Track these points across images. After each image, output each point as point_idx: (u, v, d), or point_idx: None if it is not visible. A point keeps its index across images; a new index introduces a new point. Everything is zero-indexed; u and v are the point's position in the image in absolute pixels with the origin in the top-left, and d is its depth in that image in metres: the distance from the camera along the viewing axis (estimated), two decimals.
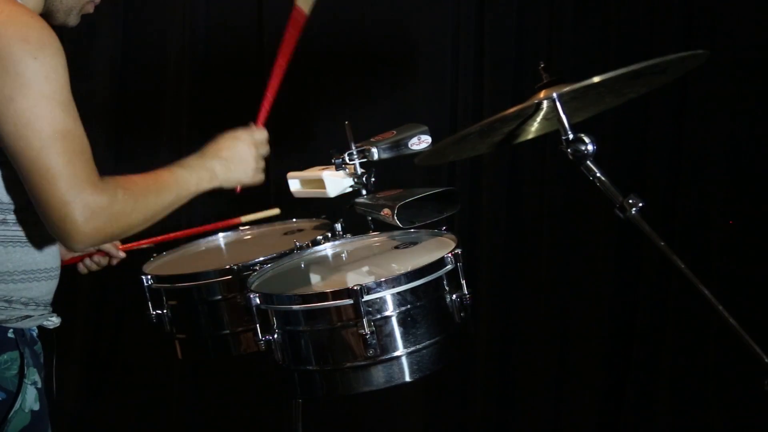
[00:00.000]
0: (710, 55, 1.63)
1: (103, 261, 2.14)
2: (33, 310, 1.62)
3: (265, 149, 1.87)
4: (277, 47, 3.09)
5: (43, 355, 1.71)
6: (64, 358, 1.82)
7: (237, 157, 1.77)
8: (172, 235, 2.26)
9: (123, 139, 3.41)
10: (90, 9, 1.73)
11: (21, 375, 1.56)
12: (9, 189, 1.53)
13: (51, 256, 1.64)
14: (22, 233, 1.56)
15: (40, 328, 1.69)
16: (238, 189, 1.86)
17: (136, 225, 1.56)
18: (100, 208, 1.45)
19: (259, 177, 1.82)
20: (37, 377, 1.61)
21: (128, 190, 1.52)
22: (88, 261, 2.12)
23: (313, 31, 3.17)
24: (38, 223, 1.53)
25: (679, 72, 1.78)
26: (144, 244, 2.20)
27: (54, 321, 1.69)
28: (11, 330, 1.57)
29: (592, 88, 1.59)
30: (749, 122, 2.67)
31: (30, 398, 1.57)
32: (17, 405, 1.55)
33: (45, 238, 1.60)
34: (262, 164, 1.83)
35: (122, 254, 2.15)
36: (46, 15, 1.67)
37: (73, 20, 1.70)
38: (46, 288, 1.64)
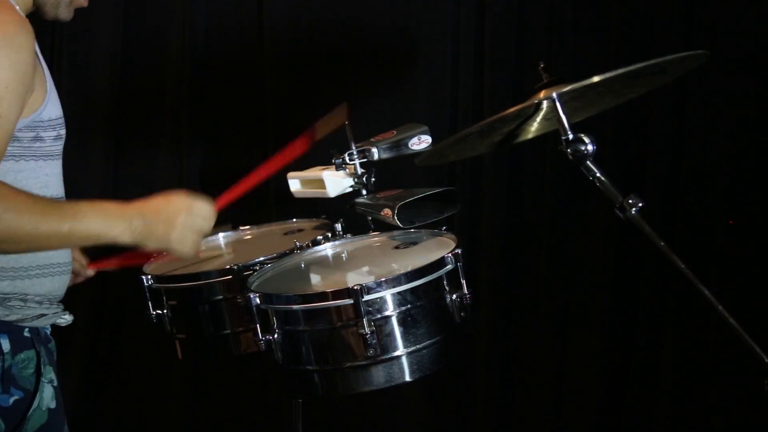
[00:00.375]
0: (710, 55, 1.63)
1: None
2: (47, 308, 1.63)
3: (203, 224, 1.60)
4: (278, 48, 3.11)
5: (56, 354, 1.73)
6: (65, 358, 1.82)
7: (163, 219, 1.54)
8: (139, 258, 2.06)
9: (123, 139, 3.41)
10: (83, 2, 1.72)
11: (38, 374, 1.58)
12: (22, 183, 1.54)
13: (64, 251, 1.65)
14: None
15: (53, 326, 1.70)
16: (164, 254, 1.68)
17: (5, 239, 1.40)
18: None
19: (184, 247, 1.57)
20: (53, 375, 1.62)
21: (4, 197, 1.39)
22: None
23: (314, 31, 3.18)
24: None
25: (679, 72, 1.78)
26: (110, 265, 2.05)
27: (67, 318, 1.70)
28: (27, 329, 1.59)
29: (592, 88, 1.59)
30: (749, 122, 2.67)
31: (47, 396, 1.59)
32: (35, 404, 1.57)
33: None
34: (193, 236, 1.58)
35: (90, 272, 2.05)
36: (37, 10, 1.67)
37: (64, 14, 1.69)
38: (59, 283, 1.65)
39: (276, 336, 1.72)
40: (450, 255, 1.74)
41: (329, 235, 2.15)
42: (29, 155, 1.57)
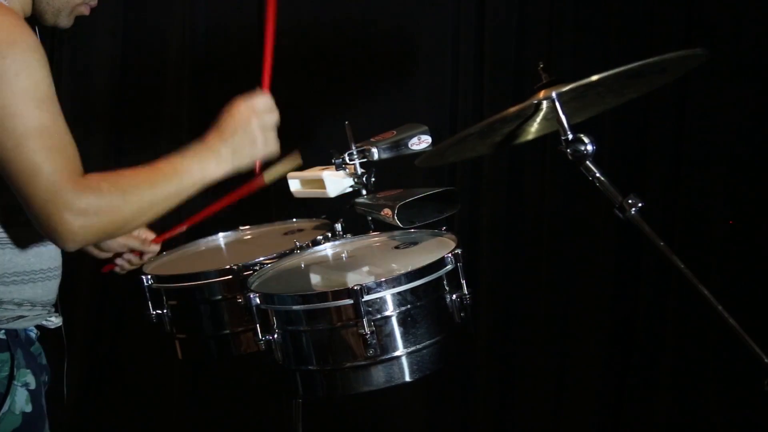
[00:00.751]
0: (710, 55, 1.63)
1: (135, 259, 2.08)
2: (28, 310, 1.59)
3: (270, 117, 1.67)
4: (278, 48, 3.08)
5: (45, 357, 1.70)
6: (65, 358, 1.82)
7: (241, 133, 1.60)
8: (201, 214, 2.04)
9: (123, 139, 3.41)
10: (84, 11, 1.70)
11: (11, 377, 1.54)
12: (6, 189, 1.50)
13: (47, 257, 1.62)
14: (6, 235, 1.54)
15: (43, 328, 1.68)
16: (257, 168, 1.72)
17: (131, 219, 1.47)
18: (86, 203, 1.39)
19: (270, 148, 1.63)
20: (30, 379, 1.58)
21: (114, 184, 1.45)
22: (120, 261, 2.07)
23: (314, 31, 3.18)
24: (29, 224, 1.50)
25: (679, 72, 1.78)
26: (176, 231, 2.08)
27: (54, 321, 1.67)
28: (3, 331, 1.55)
29: (592, 88, 1.59)
30: (749, 122, 2.67)
31: (20, 400, 1.55)
32: (5, 407, 1.53)
33: (39, 238, 1.58)
34: (271, 133, 1.64)
35: (155, 247, 2.08)
36: (37, 16, 1.65)
37: (63, 21, 1.67)
38: (44, 289, 1.62)
39: (276, 336, 1.72)
40: (450, 255, 1.74)
41: (329, 235, 2.15)
42: None
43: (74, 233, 1.39)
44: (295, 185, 2.28)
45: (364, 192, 2.11)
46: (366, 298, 1.62)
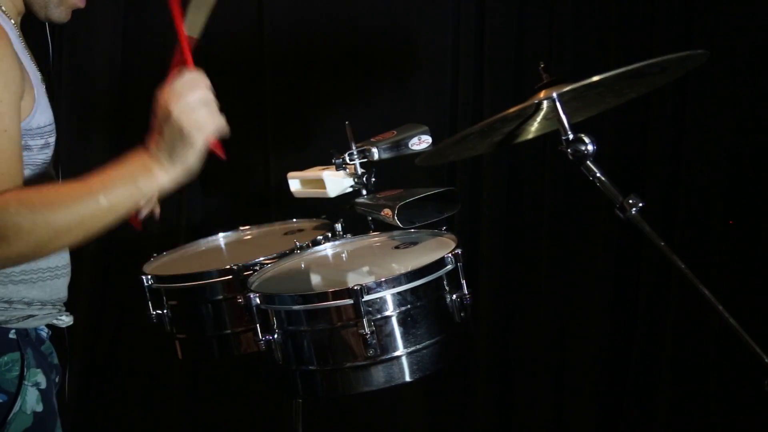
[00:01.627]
0: (710, 56, 1.63)
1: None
2: (38, 309, 1.59)
3: (199, 93, 1.42)
4: (278, 48, 3.10)
5: (56, 356, 1.70)
6: (65, 358, 1.82)
7: (170, 129, 1.38)
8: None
9: (123, 139, 3.41)
10: (79, 3, 1.68)
11: (21, 376, 1.55)
12: None
13: (54, 255, 1.61)
14: None
15: (54, 327, 1.67)
16: (222, 154, 1.52)
17: (47, 241, 1.32)
18: None
19: (210, 127, 1.40)
20: (40, 378, 1.58)
21: (24, 203, 1.30)
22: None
23: (314, 31, 3.18)
24: None
25: (679, 72, 1.78)
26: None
27: (65, 320, 1.67)
28: (13, 330, 1.56)
29: (592, 88, 1.59)
30: (749, 122, 2.67)
31: (31, 400, 1.56)
32: (17, 407, 1.53)
33: None
34: (204, 111, 1.40)
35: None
36: (29, 11, 1.64)
37: (54, 14, 1.64)
38: (52, 287, 1.62)
39: (276, 336, 1.72)
40: (450, 255, 1.74)
41: (329, 235, 2.15)
42: None
43: None
44: (295, 185, 2.28)
45: (364, 192, 2.11)
46: (366, 298, 1.63)
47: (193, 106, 1.38)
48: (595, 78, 1.52)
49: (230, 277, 1.98)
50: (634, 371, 2.87)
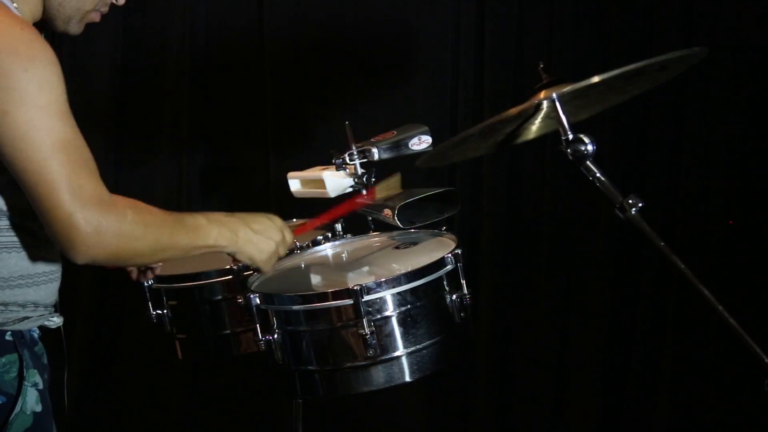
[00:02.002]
0: (708, 52, 1.63)
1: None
2: (32, 311, 1.60)
3: (284, 250, 1.77)
4: (278, 48, 3.09)
5: (46, 356, 1.71)
6: (65, 358, 1.82)
7: (264, 235, 1.69)
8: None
9: (123, 139, 3.41)
10: (95, 18, 1.70)
11: (20, 377, 1.55)
12: (1, 194, 1.52)
13: (50, 259, 1.62)
14: (16, 239, 1.54)
15: (44, 328, 1.68)
16: (233, 263, 1.82)
17: (145, 253, 1.52)
18: (107, 223, 1.41)
19: (268, 265, 1.73)
20: (37, 378, 1.59)
21: (140, 215, 1.48)
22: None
23: (314, 31, 3.19)
24: (33, 228, 1.52)
25: (680, 68, 1.78)
26: None
27: (56, 321, 1.68)
28: (9, 332, 1.56)
29: (593, 87, 1.59)
30: (749, 122, 2.67)
31: (31, 400, 1.56)
32: (18, 408, 1.54)
33: (41, 242, 1.58)
34: (276, 257, 1.74)
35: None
36: (46, 22, 1.65)
37: (73, 29, 1.67)
38: (46, 291, 1.62)
39: (276, 336, 1.72)
40: (450, 255, 1.74)
41: (329, 235, 2.15)
42: None
43: (88, 248, 1.41)
44: (295, 185, 2.28)
45: (364, 192, 2.11)
46: (366, 298, 1.62)
47: (275, 254, 1.73)
48: (596, 78, 1.52)
49: (230, 277, 1.98)
50: (634, 371, 2.87)
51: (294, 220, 2.46)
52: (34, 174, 1.39)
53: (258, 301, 1.73)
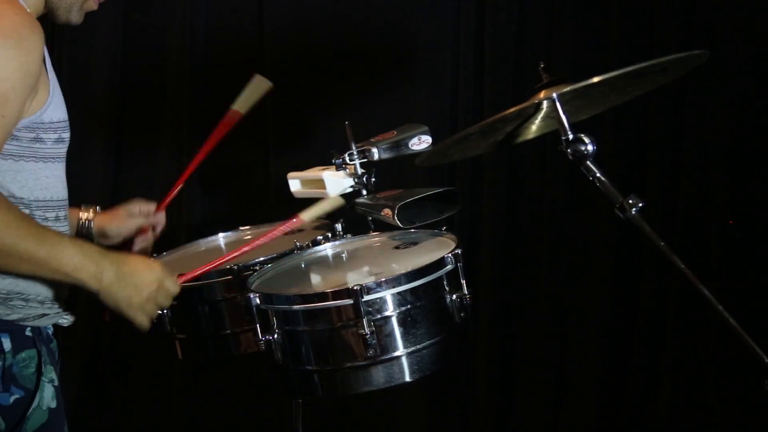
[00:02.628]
0: (710, 56, 1.63)
1: (149, 236, 2.13)
2: (49, 308, 1.63)
3: (164, 301, 1.64)
4: (278, 48, 3.10)
5: (58, 354, 1.73)
6: (65, 358, 1.82)
7: (134, 281, 1.56)
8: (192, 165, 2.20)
9: (123, 139, 3.41)
10: (93, 6, 1.74)
11: (39, 373, 1.58)
12: (23, 184, 1.56)
13: None
14: None
15: (55, 326, 1.70)
16: (106, 317, 1.70)
17: None
18: None
19: (139, 318, 1.60)
20: (54, 375, 1.62)
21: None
22: (138, 244, 2.11)
23: (314, 31, 3.18)
24: (51, 219, 1.57)
25: (681, 70, 1.78)
26: (174, 191, 2.17)
27: (68, 319, 1.71)
28: (29, 328, 1.60)
29: (594, 88, 1.59)
30: (749, 122, 2.67)
31: (47, 396, 1.59)
32: (35, 403, 1.57)
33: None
34: (150, 309, 1.61)
35: (161, 216, 2.12)
36: (49, 13, 1.67)
37: (75, 17, 1.70)
38: (61, 286, 1.65)
39: (276, 336, 1.72)
40: (450, 255, 1.74)
41: (329, 235, 2.15)
42: (29, 156, 1.57)
43: None
44: (295, 185, 2.28)
45: (364, 192, 2.11)
46: (366, 298, 1.63)
47: (157, 305, 1.62)
48: (595, 79, 1.52)
49: (230, 277, 1.98)
50: (634, 371, 2.87)
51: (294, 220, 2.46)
52: None
53: (258, 301, 1.73)
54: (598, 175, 1.56)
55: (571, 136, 1.57)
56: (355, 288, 1.62)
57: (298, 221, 1.83)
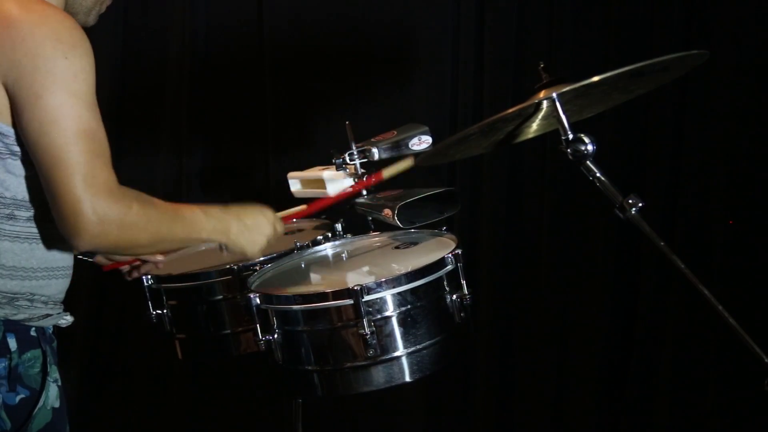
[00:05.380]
0: (710, 56, 1.63)
1: (142, 269, 2.12)
2: (51, 308, 1.64)
3: (275, 239, 1.82)
4: (278, 48, 3.08)
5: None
6: (65, 358, 1.82)
7: (255, 228, 1.75)
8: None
9: (123, 139, 3.40)
10: (103, 8, 1.75)
11: (44, 373, 1.58)
12: (31, 188, 1.55)
13: (68, 254, 1.66)
14: (43, 231, 1.58)
15: (54, 327, 1.70)
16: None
17: (143, 244, 1.57)
18: (113, 213, 1.46)
19: (255, 254, 1.78)
20: (57, 375, 1.63)
21: (144, 207, 1.53)
22: (126, 268, 2.10)
23: (314, 31, 3.18)
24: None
25: (682, 69, 1.78)
26: None
27: (68, 319, 1.71)
28: (34, 328, 1.59)
29: (594, 87, 1.59)
30: (749, 122, 2.67)
31: (52, 395, 1.60)
32: (41, 402, 1.57)
33: (60, 236, 1.62)
34: (262, 246, 1.78)
35: (159, 257, 2.08)
36: None
37: (92, 20, 1.72)
38: (62, 286, 1.66)
39: (276, 336, 1.72)
40: (450, 255, 1.74)
41: (329, 235, 2.15)
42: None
43: (91, 236, 1.45)
44: (295, 185, 2.28)
45: (364, 192, 2.11)
46: (366, 298, 1.63)
47: (265, 243, 1.78)
48: (595, 78, 1.52)
49: (230, 277, 1.98)
50: (634, 371, 2.87)
51: (294, 220, 2.46)
52: (54, 157, 1.43)
53: (258, 301, 1.73)
54: (598, 175, 1.56)
55: (571, 136, 1.57)
56: (355, 288, 1.62)
57: (378, 177, 1.98)
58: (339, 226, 2.18)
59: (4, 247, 1.53)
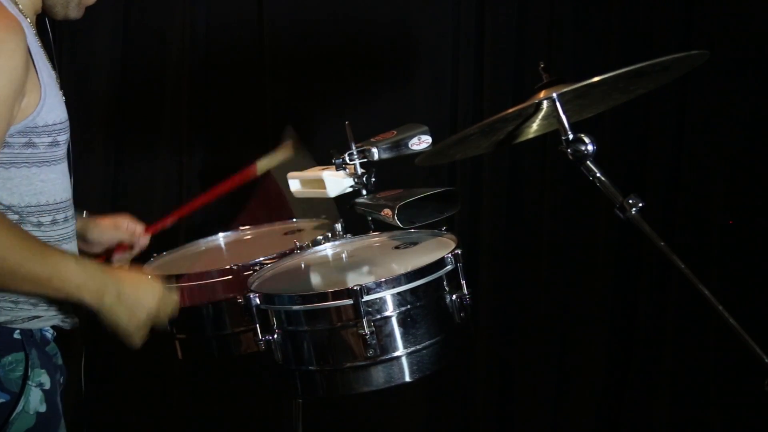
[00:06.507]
0: (709, 56, 1.63)
1: (127, 256, 2.10)
2: (44, 310, 1.60)
3: (162, 320, 1.65)
4: (278, 48, 3.10)
5: (61, 357, 1.71)
6: (65, 358, 1.82)
7: (135, 300, 1.57)
8: (190, 205, 2.23)
9: (123, 139, 3.41)
10: (91, 0, 1.71)
11: (25, 376, 1.55)
12: (13, 191, 1.52)
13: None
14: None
15: (59, 328, 1.68)
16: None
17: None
18: None
19: (136, 336, 1.61)
20: (44, 379, 1.58)
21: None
22: (116, 257, 2.09)
23: (314, 31, 3.19)
24: (46, 223, 1.53)
25: (682, 69, 1.78)
26: (166, 222, 2.16)
27: (69, 322, 1.68)
28: (18, 331, 1.56)
29: (595, 87, 1.59)
30: (749, 122, 2.67)
31: (35, 400, 1.56)
32: (20, 407, 1.53)
33: (54, 239, 1.59)
34: (146, 329, 1.62)
35: (144, 240, 2.10)
36: (47, 10, 1.66)
37: (73, 12, 1.68)
38: None
39: (276, 336, 1.72)
40: (450, 255, 1.74)
41: (329, 235, 2.15)
42: (21, 162, 1.53)
43: None
44: (295, 185, 2.28)
45: (364, 192, 2.11)
46: (366, 298, 1.63)
47: (151, 321, 1.61)
48: (595, 78, 1.52)
49: (230, 277, 1.98)
50: (634, 371, 2.87)
51: (294, 219, 2.46)
52: None
53: (258, 301, 1.73)
54: (598, 175, 1.56)
55: (571, 136, 1.57)
56: (355, 288, 1.62)
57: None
58: (339, 226, 2.18)
59: None
